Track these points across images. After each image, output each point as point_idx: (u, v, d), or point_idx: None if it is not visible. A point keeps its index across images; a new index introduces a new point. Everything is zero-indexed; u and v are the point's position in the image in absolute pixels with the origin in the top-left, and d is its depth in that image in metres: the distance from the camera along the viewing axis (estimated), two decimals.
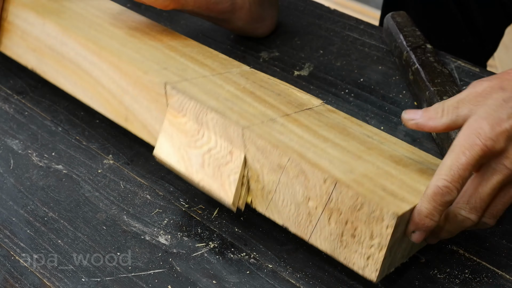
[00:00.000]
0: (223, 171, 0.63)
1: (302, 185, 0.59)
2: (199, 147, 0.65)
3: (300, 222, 0.60)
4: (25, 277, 0.65)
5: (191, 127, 0.66)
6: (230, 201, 0.62)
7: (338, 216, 0.57)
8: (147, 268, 0.65)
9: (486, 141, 0.55)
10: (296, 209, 0.60)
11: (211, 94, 0.67)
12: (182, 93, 0.66)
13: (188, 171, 0.65)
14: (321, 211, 0.58)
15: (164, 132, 0.67)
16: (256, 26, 0.91)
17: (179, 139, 0.66)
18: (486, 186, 0.56)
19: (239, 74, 0.74)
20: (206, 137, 0.65)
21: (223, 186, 0.63)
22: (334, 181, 0.56)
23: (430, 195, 0.55)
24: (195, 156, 0.65)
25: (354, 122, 0.68)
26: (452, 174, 0.55)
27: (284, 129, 0.63)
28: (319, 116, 0.67)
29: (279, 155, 0.60)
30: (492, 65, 1.78)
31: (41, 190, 0.73)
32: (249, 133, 0.61)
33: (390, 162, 0.61)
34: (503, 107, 0.56)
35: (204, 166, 0.64)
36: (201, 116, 0.65)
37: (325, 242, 0.59)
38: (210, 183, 0.63)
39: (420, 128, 0.60)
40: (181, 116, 0.67)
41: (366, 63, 0.89)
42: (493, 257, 0.64)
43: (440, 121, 0.59)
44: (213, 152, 0.64)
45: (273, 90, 0.71)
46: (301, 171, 0.59)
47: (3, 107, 0.85)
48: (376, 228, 0.55)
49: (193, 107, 0.66)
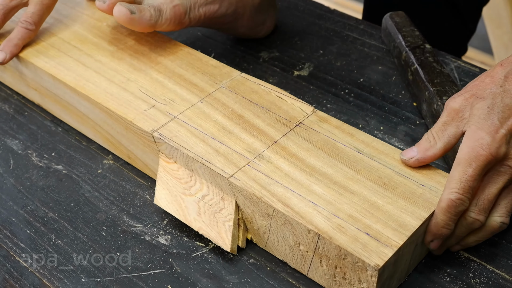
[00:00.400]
0: (218, 218, 0.65)
1: (291, 232, 0.61)
2: (193, 194, 0.67)
3: (296, 260, 0.63)
4: (25, 277, 0.65)
5: (184, 173, 0.68)
6: (228, 248, 0.64)
7: (328, 261, 0.59)
8: (147, 268, 0.65)
9: (490, 150, 0.58)
10: (290, 250, 0.63)
11: (198, 134, 0.68)
12: (169, 141, 0.67)
13: (187, 220, 0.66)
14: (312, 255, 0.60)
15: (160, 180, 0.68)
16: (257, 30, 0.92)
17: (175, 187, 0.68)
18: (493, 188, 0.60)
19: (229, 88, 0.74)
20: (199, 183, 0.67)
21: (220, 234, 0.64)
22: (318, 233, 0.58)
23: (444, 208, 0.59)
24: (191, 204, 0.66)
25: (346, 131, 0.68)
26: (463, 187, 0.58)
27: (270, 169, 0.64)
28: (309, 134, 0.68)
29: (265, 205, 0.61)
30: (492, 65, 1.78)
31: (41, 190, 0.73)
32: (235, 183, 0.63)
33: (378, 187, 0.62)
34: (491, 114, 0.60)
35: (200, 214, 0.66)
36: (190, 164, 0.67)
37: (322, 279, 0.62)
38: (208, 231, 0.65)
39: (422, 163, 0.63)
40: (172, 162, 0.68)
41: (366, 63, 0.89)
42: (493, 257, 0.64)
43: (436, 148, 0.63)
44: (207, 198, 0.66)
45: (263, 104, 0.72)
46: (287, 221, 0.60)
47: (3, 107, 0.85)
48: (362, 275, 0.57)
49: (181, 155, 0.67)
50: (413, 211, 0.60)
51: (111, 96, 0.73)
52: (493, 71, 0.64)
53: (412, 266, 0.63)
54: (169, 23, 0.78)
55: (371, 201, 0.61)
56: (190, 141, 0.67)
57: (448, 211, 0.59)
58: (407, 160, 0.63)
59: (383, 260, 0.56)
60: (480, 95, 0.62)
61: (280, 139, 0.67)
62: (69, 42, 0.82)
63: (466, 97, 0.62)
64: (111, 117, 0.73)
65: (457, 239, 0.63)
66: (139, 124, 0.70)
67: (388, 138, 0.77)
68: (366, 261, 0.56)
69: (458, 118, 0.62)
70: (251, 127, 0.69)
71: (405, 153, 0.64)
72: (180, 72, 0.77)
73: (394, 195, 0.61)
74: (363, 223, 0.59)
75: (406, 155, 0.64)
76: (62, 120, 0.83)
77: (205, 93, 0.73)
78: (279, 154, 0.65)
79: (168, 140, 0.67)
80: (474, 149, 0.59)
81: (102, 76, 0.76)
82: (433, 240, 0.61)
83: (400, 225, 0.59)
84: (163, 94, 0.73)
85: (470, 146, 0.59)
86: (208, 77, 0.76)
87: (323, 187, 0.62)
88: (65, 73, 0.77)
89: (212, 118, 0.70)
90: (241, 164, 0.65)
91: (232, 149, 0.66)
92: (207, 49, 0.92)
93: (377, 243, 0.57)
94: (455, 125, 0.62)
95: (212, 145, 0.67)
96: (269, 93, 0.73)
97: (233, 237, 0.64)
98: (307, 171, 0.64)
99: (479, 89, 0.62)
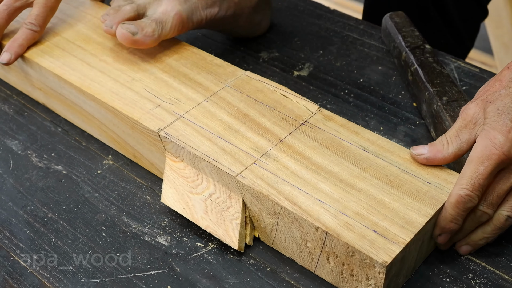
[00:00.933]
0: (225, 217, 0.65)
1: (298, 230, 0.61)
2: (200, 193, 0.67)
3: (303, 258, 0.63)
4: (25, 277, 0.65)
5: (190, 171, 0.68)
6: (236, 246, 0.64)
7: (335, 258, 0.60)
8: (146, 269, 0.65)
9: (503, 149, 0.59)
10: (297, 247, 0.63)
11: (204, 133, 0.68)
12: (176, 140, 0.67)
13: (194, 218, 0.66)
14: (319, 252, 0.61)
15: (166, 179, 0.69)
16: (253, 30, 0.93)
17: (182, 185, 0.68)
18: (505, 185, 0.61)
19: (234, 87, 0.74)
20: (205, 182, 0.67)
21: (228, 232, 0.64)
22: (325, 230, 0.58)
23: (453, 203, 0.60)
24: (198, 202, 0.66)
25: (351, 129, 0.68)
26: (473, 184, 0.60)
27: (276, 167, 0.64)
28: (314, 132, 0.68)
29: (272, 203, 0.61)
30: (492, 65, 1.78)
31: (40, 191, 0.73)
32: (242, 181, 0.63)
33: (384, 184, 0.62)
34: (502, 115, 0.61)
35: (208, 212, 0.66)
36: (196, 163, 0.67)
37: (329, 276, 0.62)
38: (215, 229, 0.65)
39: (430, 162, 0.64)
40: (179, 160, 0.68)
41: (366, 63, 0.89)
42: (493, 258, 0.64)
43: (447, 152, 0.63)
44: (214, 197, 0.66)
45: (268, 103, 0.72)
46: (294, 219, 0.61)
47: (2, 107, 0.85)
48: (370, 272, 0.57)
49: (187, 154, 0.67)
50: (419, 208, 0.60)
51: (117, 96, 0.73)
52: (501, 75, 0.65)
53: (418, 263, 0.63)
54: (173, 31, 0.79)
55: (378, 199, 0.61)
56: (196, 140, 0.67)
57: (457, 206, 0.60)
58: (416, 155, 0.64)
59: (391, 257, 0.56)
60: (490, 99, 0.63)
61: (286, 138, 0.67)
62: (74, 42, 0.82)
63: (478, 103, 0.64)
64: (117, 117, 0.73)
65: (465, 233, 0.63)
66: (145, 124, 0.70)
67: (388, 138, 0.77)
68: (374, 258, 0.56)
69: (471, 124, 0.63)
70: (256, 125, 0.69)
71: (416, 148, 0.65)
72: (185, 72, 0.77)
73: (400, 192, 0.62)
74: (370, 221, 0.59)
75: (416, 151, 0.64)
76: (61, 121, 0.83)
77: (210, 92, 0.73)
78: (285, 153, 0.66)
79: (175, 139, 0.67)
80: (487, 147, 0.60)
81: (107, 75, 0.76)
82: (441, 234, 0.62)
83: (407, 222, 0.59)
84: (168, 93, 0.73)
85: (483, 144, 0.60)
86: (213, 76, 0.76)
87: (330, 185, 0.62)
88: (70, 73, 0.77)
89: (218, 117, 0.70)
90: (247, 162, 0.65)
91: (239, 147, 0.66)
92: (207, 49, 0.92)
93: (385, 240, 0.57)
94: (468, 131, 0.63)
95: (219, 144, 0.67)
96: (274, 92, 0.73)
97: (241, 235, 0.64)
98: (314, 169, 0.64)
99: (489, 94, 0.64)
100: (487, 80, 0.85)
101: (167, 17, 0.78)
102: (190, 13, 0.80)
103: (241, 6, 0.87)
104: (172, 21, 0.78)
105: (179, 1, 0.80)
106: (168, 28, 0.78)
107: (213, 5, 0.83)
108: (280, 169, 0.64)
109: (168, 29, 0.78)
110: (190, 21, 0.81)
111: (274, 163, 0.65)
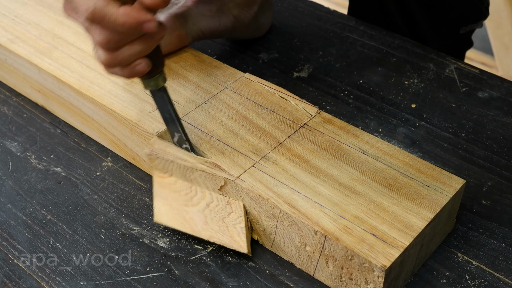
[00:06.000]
0: (228, 223, 0.64)
1: (297, 234, 0.61)
2: (197, 204, 0.66)
3: (302, 261, 0.63)
4: (23, 280, 0.64)
5: (182, 185, 0.67)
6: (245, 250, 0.64)
7: (334, 261, 0.59)
8: (145, 271, 0.65)
9: None
10: (296, 250, 0.63)
11: (204, 138, 0.68)
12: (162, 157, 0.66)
13: (194, 231, 0.66)
14: (318, 256, 0.61)
15: (157, 197, 0.68)
16: (254, 33, 0.92)
17: (175, 200, 0.67)
18: None
19: (233, 89, 0.74)
20: (200, 192, 0.66)
21: (233, 238, 0.64)
22: (324, 234, 0.58)
23: None
24: (196, 214, 0.66)
25: (350, 132, 0.68)
26: None
27: (275, 170, 0.64)
28: (313, 136, 0.68)
29: (271, 206, 0.61)
30: (492, 65, 1.78)
31: (39, 192, 0.73)
32: (241, 185, 0.63)
33: (383, 188, 0.62)
34: None
35: (208, 222, 0.65)
36: (188, 174, 0.66)
37: (328, 280, 0.62)
38: (220, 237, 0.65)
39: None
40: (167, 176, 0.68)
41: (366, 64, 0.89)
42: (492, 260, 0.64)
43: None
44: (212, 206, 0.66)
45: (267, 105, 0.72)
46: (293, 222, 0.60)
47: (2, 109, 0.85)
48: (369, 276, 0.57)
49: (177, 167, 0.66)
50: (418, 212, 0.60)
51: (116, 98, 0.73)
52: None
53: (418, 266, 0.63)
54: (173, 47, 0.79)
55: (377, 202, 0.61)
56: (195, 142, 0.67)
57: None
58: None
59: (390, 261, 0.56)
60: None
61: (285, 141, 0.67)
62: (73, 44, 0.82)
63: None
64: (116, 119, 0.73)
65: None
66: (144, 126, 0.70)
67: (387, 140, 0.77)
68: (373, 262, 0.56)
69: None
70: (256, 128, 0.69)
71: None
72: (184, 74, 0.77)
73: (400, 196, 0.62)
74: (369, 224, 0.59)
75: None
76: (61, 122, 0.82)
77: (210, 95, 0.73)
78: (284, 156, 0.66)
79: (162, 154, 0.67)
80: None
81: (106, 78, 0.76)
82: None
83: (406, 226, 0.59)
84: None
85: None
86: (212, 78, 0.76)
87: (329, 188, 0.62)
88: (69, 75, 0.77)
89: (217, 119, 0.70)
90: (246, 165, 0.65)
91: (238, 150, 0.66)
92: (206, 51, 0.92)
93: (384, 244, 0.57)
94: None
95: (218, 148, 0.67)
96: (273, 94, 0.73)
97: (247, 238, 0.64)
98: (313, 172, 0.64)
99: None
100: (487, 81, 0.85)
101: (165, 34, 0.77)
102: (188, 30, 0.80)
103: (240, 18, 0.86)
104: (171, 39, 0.78)
105: (177, 18, 0.79)
106: (166, 45, 0.77)
107: (211, 19, 0.83)
108: (279, 172, 0.64)
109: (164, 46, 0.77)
110: (189, 36, 0.81)
111: (273, 166, 0.64)
